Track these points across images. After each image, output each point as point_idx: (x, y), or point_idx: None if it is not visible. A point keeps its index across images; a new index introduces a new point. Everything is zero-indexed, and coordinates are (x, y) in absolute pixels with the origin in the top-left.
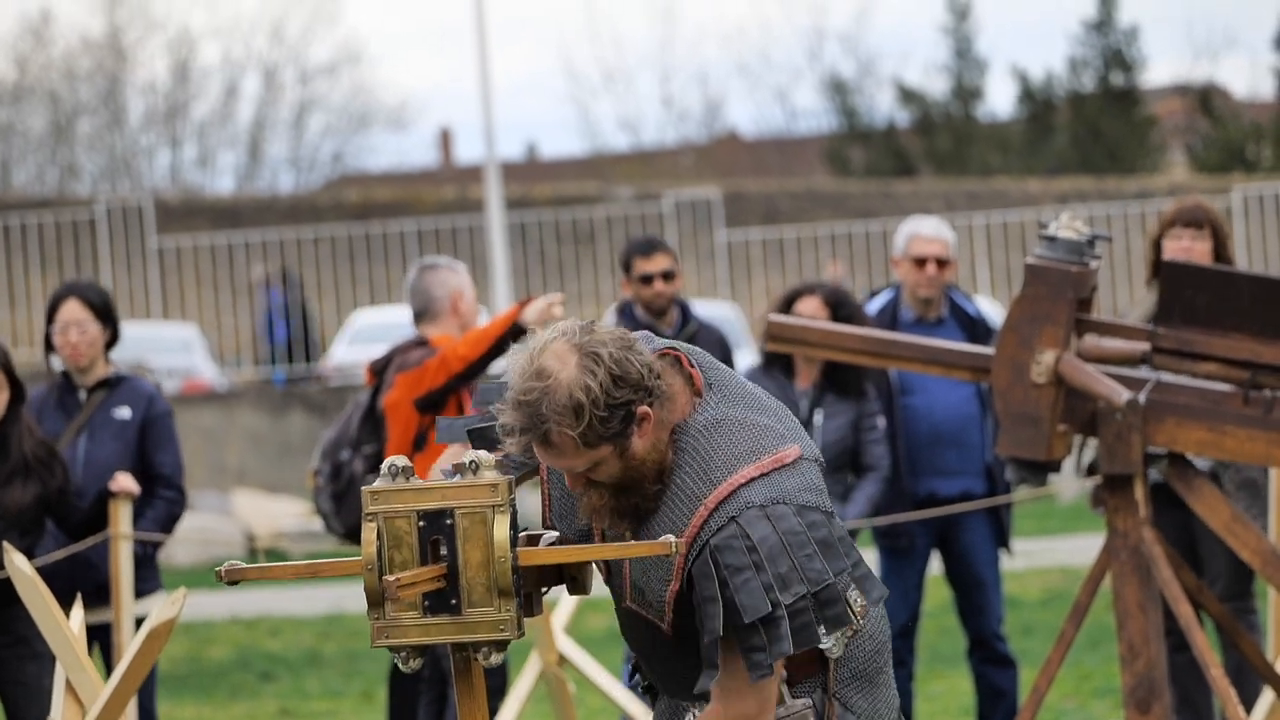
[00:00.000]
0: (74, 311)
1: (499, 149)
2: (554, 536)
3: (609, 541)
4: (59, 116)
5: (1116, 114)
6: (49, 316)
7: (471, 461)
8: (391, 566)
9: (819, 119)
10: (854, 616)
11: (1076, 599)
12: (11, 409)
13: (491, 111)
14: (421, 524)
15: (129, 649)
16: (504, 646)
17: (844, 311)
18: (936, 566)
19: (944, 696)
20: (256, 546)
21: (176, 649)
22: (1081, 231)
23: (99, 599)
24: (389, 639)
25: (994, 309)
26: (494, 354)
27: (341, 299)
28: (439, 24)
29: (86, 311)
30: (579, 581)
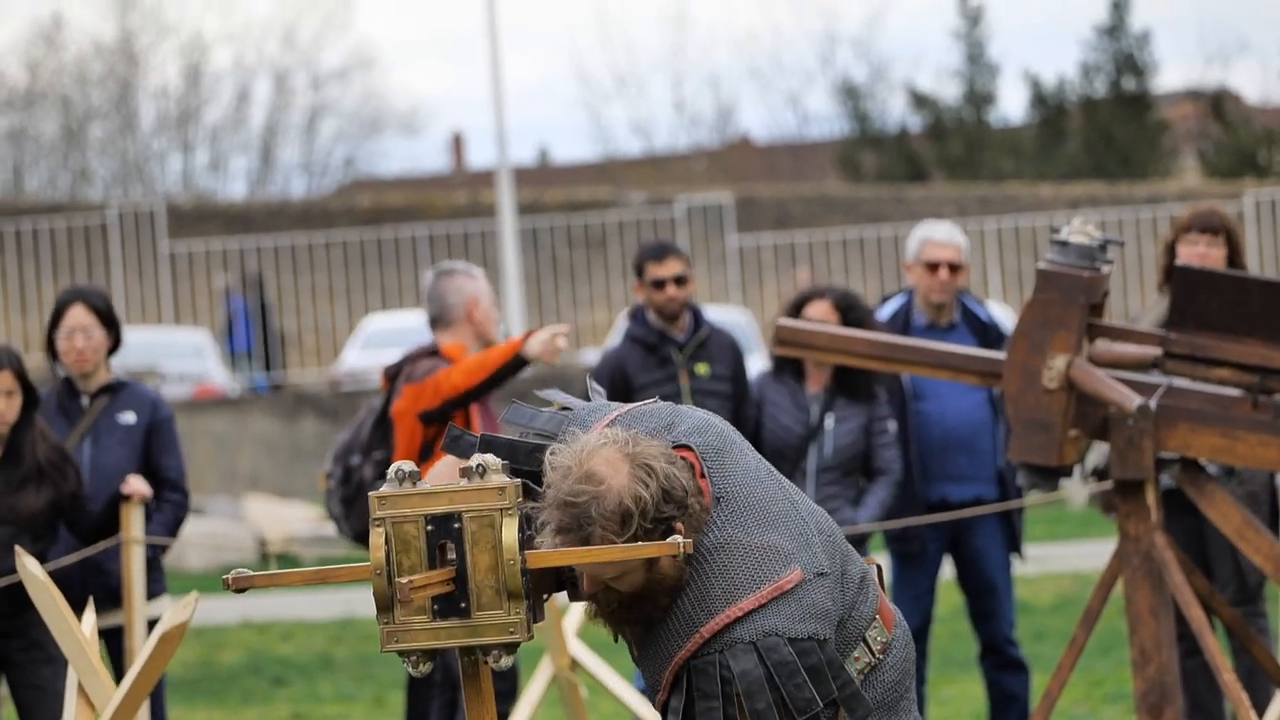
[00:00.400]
0: (80, 317)
1: (511, 154)
2: None
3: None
4: (71, 122)
5: (1128, 119)
6: (53, 321)
7: (479, 465)
8: (400, 571)
9: (831, 124)
10: None
11: (1088, 604)
12: (24, 414)
13: (503, 116)
14: (429, 528)
15: (141, 653)
16: (514, 649)
17: (854, 315)
18: (948, 571)
19: (955, 701)
20: (268, 551)
21: (188, 654)
22: (1093, 236)
23: (109, 603)
24: (398, 643)
25: (1006, 314)
26: (491, 385)
27: (353, 304)
28: (451, 29)
29: (92, 317)
30: (579, 587)
